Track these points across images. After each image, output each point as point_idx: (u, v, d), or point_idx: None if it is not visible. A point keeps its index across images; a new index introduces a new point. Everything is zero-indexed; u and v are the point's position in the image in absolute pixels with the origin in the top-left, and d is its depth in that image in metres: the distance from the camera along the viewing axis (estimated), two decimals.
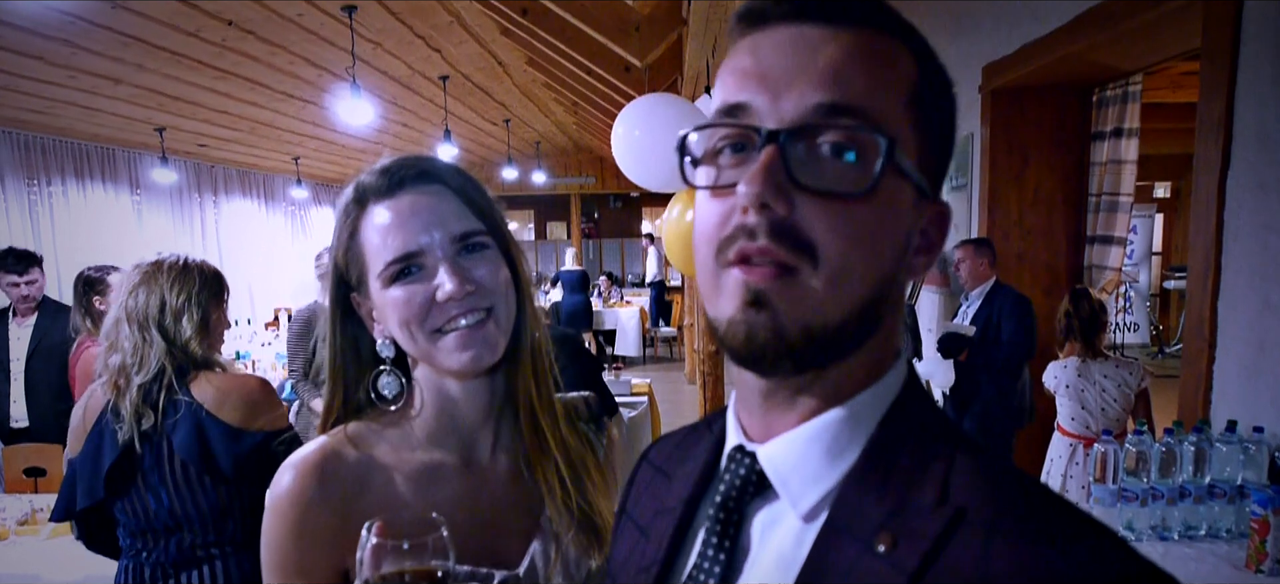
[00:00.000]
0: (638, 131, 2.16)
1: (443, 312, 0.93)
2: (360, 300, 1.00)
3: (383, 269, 0.94)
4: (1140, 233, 10.03)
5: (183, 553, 1.87)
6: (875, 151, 0.52)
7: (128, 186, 8.73)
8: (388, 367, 1.01)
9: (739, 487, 0.60)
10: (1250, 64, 2.39)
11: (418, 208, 0.94)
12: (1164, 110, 6.39)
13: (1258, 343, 2.38)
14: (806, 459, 0.57)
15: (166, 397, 1.84)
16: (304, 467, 0.96)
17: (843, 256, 0.52)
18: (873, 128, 0.52)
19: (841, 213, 0.52)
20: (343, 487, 0.96)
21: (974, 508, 0.49)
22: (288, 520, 0.94)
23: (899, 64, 0.55)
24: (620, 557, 0.74)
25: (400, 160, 0.98)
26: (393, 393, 1.01)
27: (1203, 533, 2.26)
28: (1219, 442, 2.29)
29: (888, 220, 0.54)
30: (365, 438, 1.00)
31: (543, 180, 12.96)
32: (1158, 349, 10.18)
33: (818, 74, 0.53)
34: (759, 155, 0.52)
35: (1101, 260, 4.15)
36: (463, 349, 0.94)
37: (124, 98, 6.46)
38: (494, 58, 6.78)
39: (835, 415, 0.57)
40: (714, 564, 0.60)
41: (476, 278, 0.94)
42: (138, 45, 5.18)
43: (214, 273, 2.02)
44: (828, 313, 0.53)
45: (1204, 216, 2.55)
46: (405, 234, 0.93)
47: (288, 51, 5.76)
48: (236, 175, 10.85)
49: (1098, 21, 3.12)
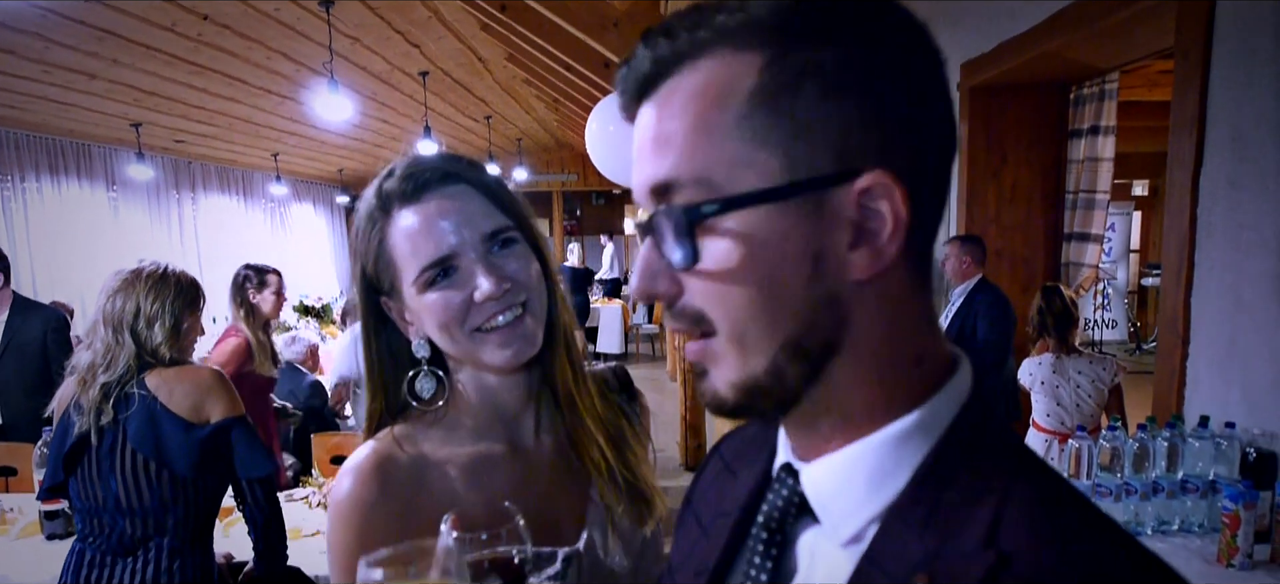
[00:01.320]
0: (612, 127, 2.15)
1: (481, 311, 0.95)
2: (392, 304, 1.01)
3: (417, 276, 0.95)
4: (1118, 230, 10.13)
5: (123, 542, 1.94)
6: (706, 213, 0.50)
7: (103, 183, 8.61)
8: (425, 367, 1.02)
9: (782, 507, 0.59)
10: (1223, 62, 2.41)
11: (445, 210, 0.95)
12: (1141, 108, 6.44)
13: (1230, 339, 2.40)
14: (849, 486, 0.54)
15: (122, 391, 1.92)
16: (362, 471, 0.97)
17: (733, 317, 0.52)
18: (696, 187, 0.51)
19: (705, 281, 0.52)
20: (400, 487, 0.98)
21: (1020, 554, 0.46)
22: (351, 525, 0.96)
23: (724, 84, 0.50)
24: (681, 552, 0.74)
25: (420, 162, 0.98)
26: (431, 392, 1.03)
27: (1175, 528, 2.27)
28: (1192, 437, 2.30)
29: (759, 258, 0.50)
30: (413, 437, 1.02)
31: (525, 177, 12.91)
32: (1136, 346, 10.29)
33: (645, 156, 0.54)
34: (643, 248, 0.54)
35: (1079, 257, 4.18)
36: (504, 347, 0.96)
37: (99, 93, 6.37)
38: (474, 54, 6.74)
39: (877, 439, 0.53)
40: (758, 580, 0.60)
41: (510, 273, 0.96)
42: (112, 40, 5.12)
43: (191, 283, 2.09)
44: (748, 368, 0.53)
45: (1178, 213, 2.57)
46: (436, 239, 0.94)
47: (265, 46, 5.70)
48: (215, 172, 10.74)
49: (1074, 19, 3.14)
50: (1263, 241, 2.28)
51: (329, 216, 14.30)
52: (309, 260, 13.29)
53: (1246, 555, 2.02)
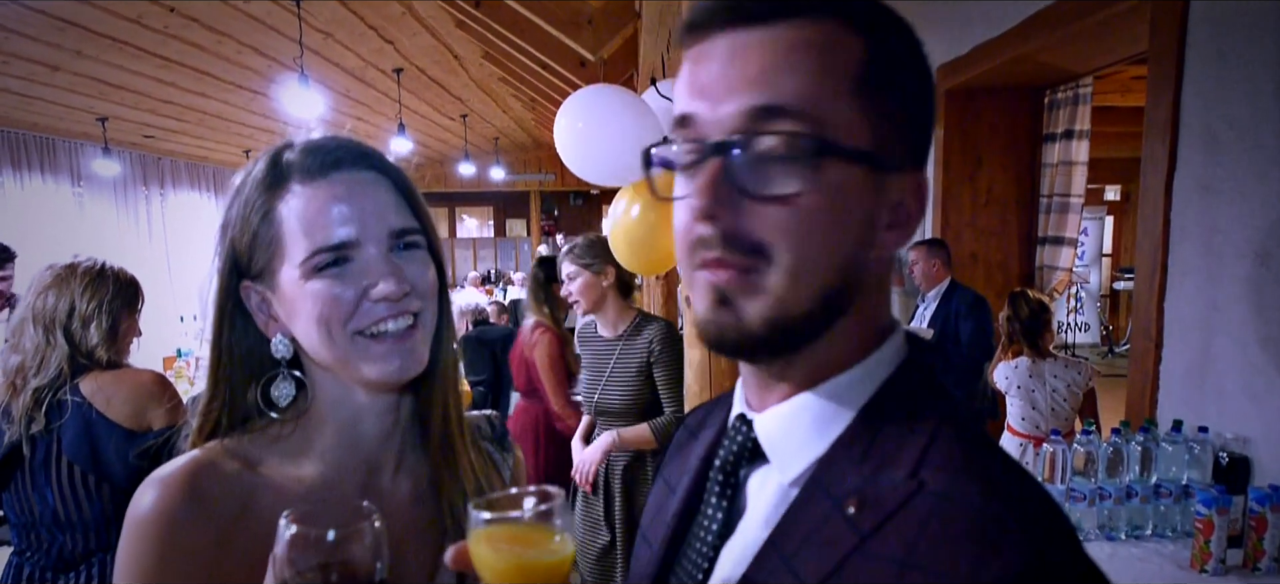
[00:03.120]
0: (581, 124, 2.09)
1: (370, 313, 0.83)
2: (256, 290, 0.87)
3: (306, 258, 0.82)
4: (1091, 234, 10.23)
5: (64, 557, 1.83)
6: (812, 149, 0.54)
7: (69, 178, 8.43)
8: (284, 370, 0.88)
9: (737, 452, 0.66)
10: (1196, 67, 2.40)
11: (355, 193, 0.84)
12: (1114, 113, 6.49)
13: (1203, 343, 2.40)
14: (795, 429, 0.61)
15: (54, 397, 1.79)
16: (172, 481, 0.83)
17: (794, 253, 0.55)
18: (806, 122, 0.53)
19: (786, 212, 0.54)
20: (220, 505, 0.83)
21: (935, 481, 0.52)
22: (151, 542, 0.81)
23: (839, 49, 0.55)
24: (650, 512, 0.80)
25: (333, 139, 0.88)
26: (289, 400, 0.89)
27: (1149, 532, 2.26)
28: (1165, 441, 2.29)
29: (837, 208, 0.55)
30: (248, 451, 0.88)
31: (501, 177, 12.83)
32: (1108, 349, 10.38)
33: (749, 79, 0.55)
34: (705, 168, 0.56)
35: (1053, 261, 4.18)
36: (387, 359, 0.84)
37: (63, 85, 6.23)
38: (449, 51, 6.67)
39: (822, 391, 0.60)
40: (713, 522, 0.66)
41: (409, 277, 0.85)
42: (74, 31, 5.00)
43: (129, 281, 1.96)
44: (789, 306, 0.56)
45: (1151, 217, 2.57)
46: (336, 222, 0.82)
47: (235, 40, 5.60)
48: (184, 168, 10.56)
49: (1048, 23, 3.14)
50: (1235, 246, 2.27)
51: None
52: None
53: (1219, 561, 2.00)
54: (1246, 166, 2.24)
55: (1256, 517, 2.02)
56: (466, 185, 13.82)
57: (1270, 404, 2.17)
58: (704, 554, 0.66)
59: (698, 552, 0.67)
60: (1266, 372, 2.19)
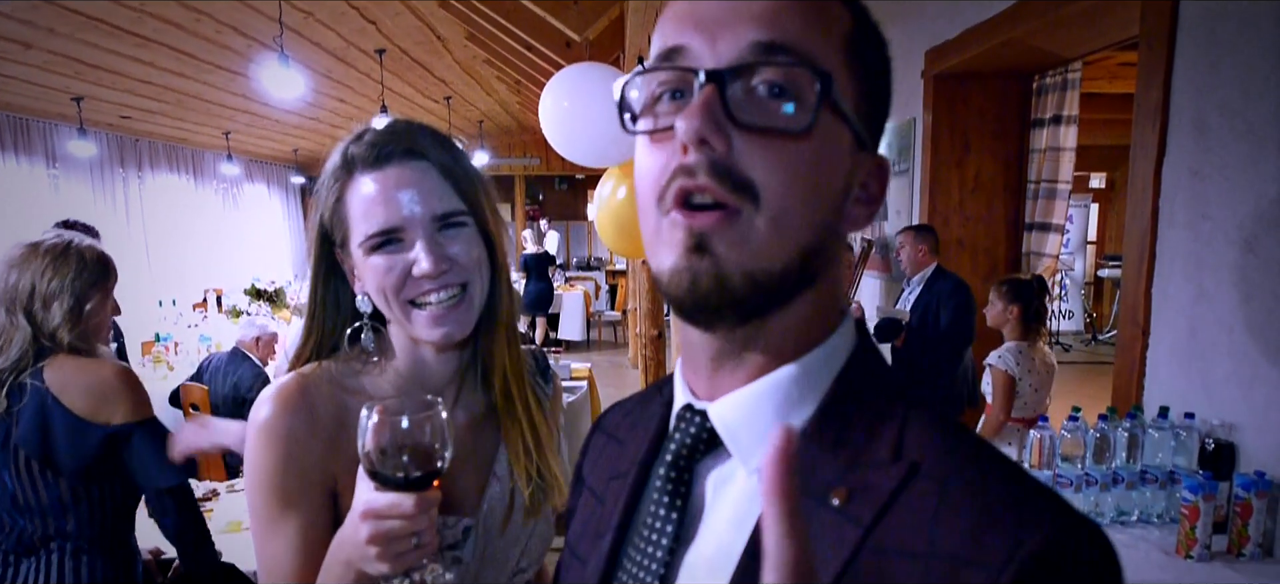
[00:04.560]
0: (566, 102, 2.05)
1: (417, 285, 0.99)
2: (344, 257, 1.05)
3: (365, 238, 0.99)
4: (1076, 222, 10.28)
5: (25, 540, 1.77)
6: (812, 89, 0.52)
7: (43, 159, 8.28)
8: (368, 320, 1.06)
9: (690, 445, 0.61)
10: (1187, 52, 2.39)
11: (402, 183, 0.99)
12: (1101, 100, 6.50)
13: (1190, 329, 2.39)
14: (757, 416, 0.57)
15: (15, 379, 1.73)
16: (285, 393, 1.01)
17: (783, 196, 0.52)
18: (809, 65, 0.52)
19: (781, 150, 0.52)
20: (325, 414, 1.02)
21: (927, 463, 0.51)
22: (274, 444, 0.99)
23: (832, 10, 0.56)
24: (578, 523, 0.74)
25: (389, 131, 1.02)
26: (370, 345, 1.07)
27: (1135, 519, 2.26)
28: (1152, 428, 2.29)
29: (826, 161, 0.54)
30: (339, 376, 1.06)
31: (486, 161, 12.72)
32: (1092, 336, 10.46)
33: (753, 14, 0.53)
34: (698, 95, 0.52)
35: (1039, 247, 4.18)
36: (435, 326, 1.00)
37: (36, 64, 6.10)
38: (432, 31, 6.57)
39: (787, 372, 0.57)
40: (666, 524, 0.60)
41: (451, 254, 1.00)
42: (48, 7, 4.88)
43: (97, 258, 1.86)
44: (770, 257, 0.53)
45: (1140, 203, 2.55)
46: (387, 210, 0.98)
47: (213, 19, 5.49)
48: (163, 150, 10.40)
49: (1038, 7, 3.12)
50: (1224, 232, 2.27)
51: (283, 198, 13.96)
52: (263, 243, 12.97)
53: (1205, 546, 2.01)
54: (1236, 153, 2.22)
55: (1242, 503, 2.02)
56: None
57: (1257, 390, 2.17)
58: (653, 567, 0.60)
59: (645, 564, 0.60)
60: (1253, 358, 2.18)
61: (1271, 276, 2.12)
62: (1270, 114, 2.11)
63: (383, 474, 0.83)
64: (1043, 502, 0.48)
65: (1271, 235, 2.12)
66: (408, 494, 0.84)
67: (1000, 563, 0.45)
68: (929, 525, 0.48)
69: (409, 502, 0.84)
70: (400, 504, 0.84)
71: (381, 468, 0.83)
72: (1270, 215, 2.12)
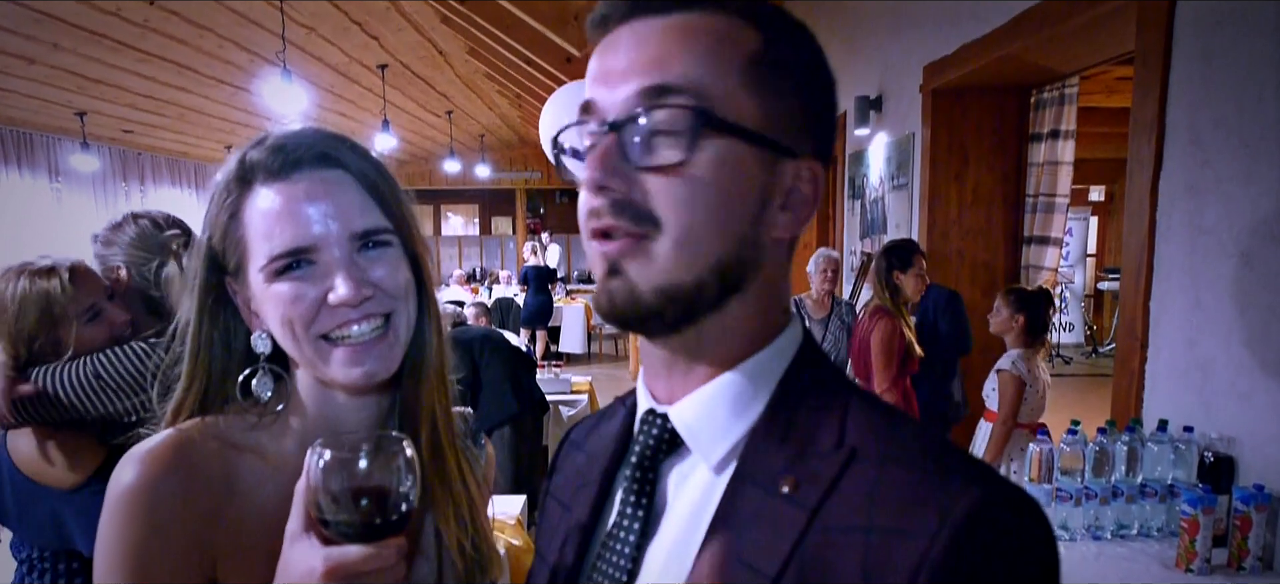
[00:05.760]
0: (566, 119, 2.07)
1: (332, 316, 0.82)
2: (237, 287, 0.88)
3: (267, 262, 0.82)
4: (1075, 235, 10.29)
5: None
6: (693, 120, 0.56)
7: (46, 173, 8.31)
8: (264, 365, 0.88)
9: (653, 446, 0.66)
10: (1182, 67, 2.40)
11: (314, 195, 0.83)
12: (1099, 114, 6.53)
13: (1188, 343, 2.40)
14: (714, 415, 0.62)
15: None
16: (156, 455, 0.83)
17: (683, 221, 0.57)
18: (693, 98, 0.57)
19: (675, 182, 0.57)
20: (205, 480, 0.84)
21: (866, 446, 0.56)
22: (137, 517, 0.80)
23: (732, 36, 0.59)
24: (546, 530, 0.77)
25: (296, 135, 0.86)
26: (268, 394, 0.88)
27: (1135, 532, 2.26)
28: (1151, 441, 2.29)
29: (724, 181, 0.58)
30: (228, 433, 0.87)
31: (487, 174, 12.78)
32: (1092, 348, 10.45)
33: (642, 64, 0.58)
34: (599, 145, 0.59)
35: (1038, 260, 4.19)
36: (353, 364, 0.83)
37: (40, 79, 6.14)
38: (434, 46, 6.62)
39: (737, 374, 0.62)
40: (633, 521, 0.65)
41: (374, 279, 0.84)
42: (52, 23, 4.92)
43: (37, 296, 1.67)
44: (679, 274, 0.58)
45: (1137, 217, 2.57)
46: (297, 226, 0.81)
47: (216, 34, 5.53)
48: (165, 163, 10.44)
49: (1035, 22, 3.14)
50: (1221, 246, 2.28)
51: None
52: None
53: (1205, 560, 2.00)
54: (1232, 167, 2.24)
55: (1241, 516, 2.02)
56: (452, 183, 13.75)
57: (1255, 403, 2.18)
58: (621, 563, 0.64)
59: (613, 561, 0.65)
60: (1251, 371, 2.19)
61: (1268, 290, 2.13)
62: (1265, 129, 2.13)
63: (338, 524, 0.69)
64: (972, 474, 0.52)
65: (1267, 248, 2.13)
66: (387, 542, 0.70)
67: (932, 532, 0.49)
68: (868, 504, 0.53)
69: (390, 550, 0.70)
70: (381, 555, 0.70)
71: (333, 517, 0.69)
72: (1266, 229, 2.13)
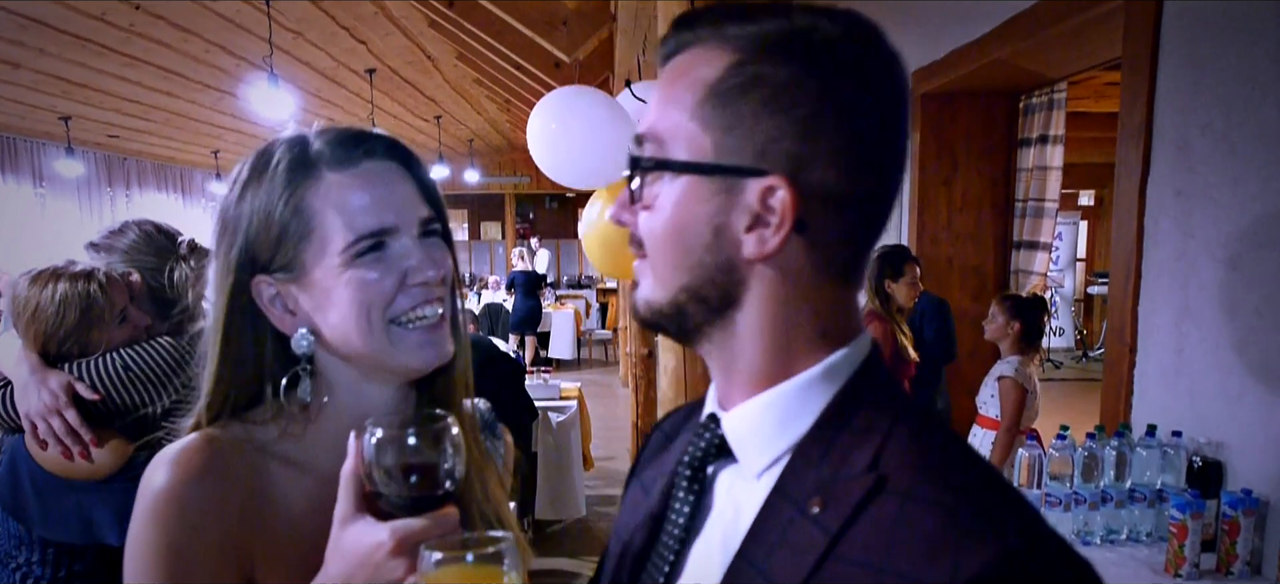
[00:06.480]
0: (554, 125, 2.06)
1: (409, 297, 0.85)
2: (272, 285, 0.86)
3: (348, 245, 0.82)
4: (1065, 239, 10.33)
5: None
6: (650, 164, 0.63)
7: (30, 178, 8.25)
8: (304, 366, 0.87)
9: (704, 449, 0.68)
10: (1169, 72, 2.41)
11: (389, 180, 0.86)
12: (1088, 119, 6.55)
13: (1177, 347, 2.40)
14: (760, 426, 0.63)
15: None
16: (186, 457, 0.83)
17: (654, 247, 0.64)
18: (654, 144, 0.63)
19: (646, 216, 0.64)
20: (237, 481, 0.84)
21: (895, 476, 0.55)
22: (169, 520, 0.80)
23: (698, 68, 0.61)
24: (625, 512, 0.81)
25: (359, 130, 0.89)
26: (309, 398, 0.88)
27: (1123, 537, 2.26)
28: (1140, 446, 2.29)
29: (679, 214, 0.62)
30: (255, 435, 0.87)
31: (476, 179, 12.74)
32: (1082, 353, 10.50)
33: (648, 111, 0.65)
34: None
35: (1027, 265, 4.20)
36: (422, 348, 0.86)
37: (25, 83, 6.09)
38: (422, 51, 6.59)
39: (787, 387, 0.63)
40: (680, 516, 0.68)
41: (442, 264, 0.88)
42: (37, 28, 4.88)
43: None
44: (658, 295, 0.65)
45: (1125, 222, 2.57)
46: (382, 208, 0.84)
47: (202, 39, 5.50)
48: (151, 168, 10.39)
49: (1023, 28, 3.14)
50: (1208, 250, 2.28)
51: None
52: None
53: (1193, 565, 2.00)
54: (1219, 172, 2.24)
55: (1229, 521, 2.02)
56: (441, 187, 13.67)
57: (1243, 408, 2.18)
58: (666, 555, 0.68)
59: (662, 554, 0.69)
60: (1239, 375, 2.19)
61: (1255, 294, 2.14)
62: (1252, 134, 2.13)
63: (395, 498, 0.72)
64: (1001, 523, 0.50)
65: (1255, 253, 2.14)
66: (446, 510, 0.73)
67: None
68: (886, 543, 0.52)
69: (451, 519, 0.73)
70: (443, 523, 0.72)
71: (388, 490, 0.72)
72: (1253, 234, 2.14)
